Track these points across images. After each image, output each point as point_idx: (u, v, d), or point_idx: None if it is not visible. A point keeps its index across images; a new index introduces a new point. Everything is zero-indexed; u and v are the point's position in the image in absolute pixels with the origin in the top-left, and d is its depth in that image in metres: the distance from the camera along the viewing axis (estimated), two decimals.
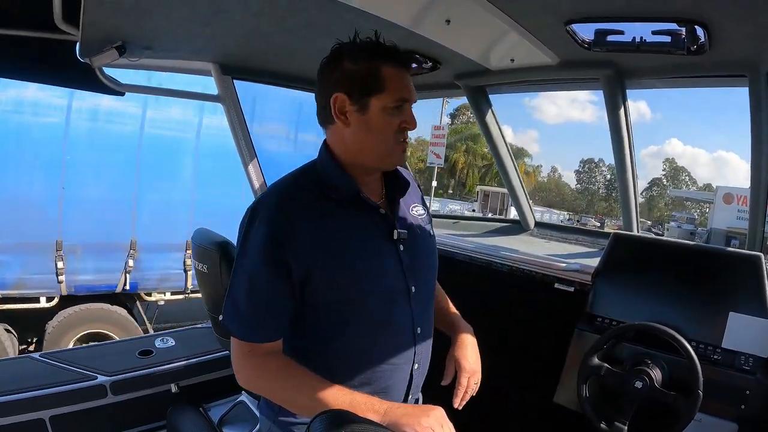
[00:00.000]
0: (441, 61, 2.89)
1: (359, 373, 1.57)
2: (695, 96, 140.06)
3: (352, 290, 1.53)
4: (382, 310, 1.58)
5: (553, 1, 1.95)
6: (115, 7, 2.15)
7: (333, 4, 2.06)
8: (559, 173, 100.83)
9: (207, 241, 2.62)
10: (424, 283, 1.69)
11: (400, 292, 1.61)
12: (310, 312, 1.53)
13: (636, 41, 2.28)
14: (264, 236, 1.45)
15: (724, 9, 1.83)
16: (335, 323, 1.54)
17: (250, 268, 1.48)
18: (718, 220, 33.31)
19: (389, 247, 1.61)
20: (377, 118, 1.51)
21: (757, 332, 2.25)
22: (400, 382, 1.65)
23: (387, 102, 1.50)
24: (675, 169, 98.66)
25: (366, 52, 1.52)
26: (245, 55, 3.00)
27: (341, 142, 1.57)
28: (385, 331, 1.60)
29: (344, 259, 1.51)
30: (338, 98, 1.50)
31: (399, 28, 2.30)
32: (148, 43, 2.68)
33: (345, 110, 1.51)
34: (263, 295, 1.48)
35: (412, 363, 1.65)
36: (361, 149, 1.56)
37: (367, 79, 1.49)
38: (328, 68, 1.56)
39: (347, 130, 1.53)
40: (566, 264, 3.01)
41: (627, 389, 2.30)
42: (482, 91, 3.41)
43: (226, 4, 2.16)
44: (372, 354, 1.59)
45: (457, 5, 2.05)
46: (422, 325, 1.67)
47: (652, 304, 2.56)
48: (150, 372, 3.07)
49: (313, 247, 1.47)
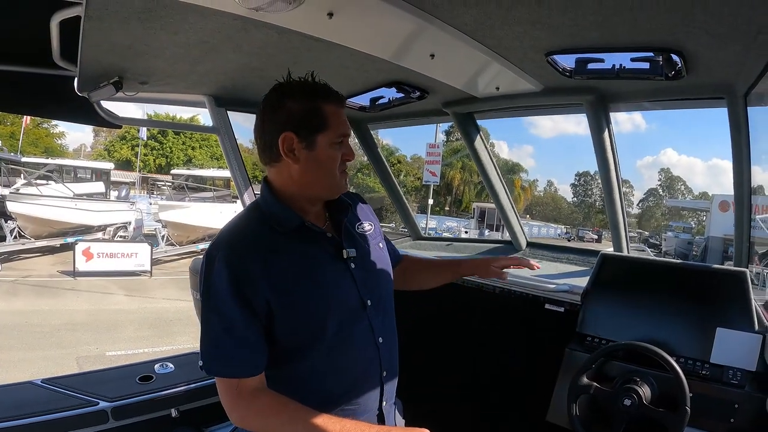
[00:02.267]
0: (428, 91, 2.96)
1: (331, 390, 1.63)
2: None
3: (312, 314, 1.59)
4: (343, 328, 1.63)
5: (533, 34, 2.02)
6: (111, 48, 2.23)
7: (320, 43, 2.14)
8: (555, 187, 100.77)
9: None
10: (379, 295, 1.76)
11: (357, 308, 1.68)
12: (275, 340, 1.57)
13: (616, 68, 2.35)
14: (227, 276, 1.50)
15: (697, 38, 1.91)
16: (300, 348, 1.60)
17: (222, 308, 1.51)
18: (716, 228, 33.26)
19: (341, 266, 1.69)
20: (324, 153, 1.61)
21: (745, 346, 2.28)
22: (372, 391, 1.71)
23: (332, 138, 1.62)
24: (670, 179, 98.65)
25: (307, 92, 1.62)
26: (238, 88, 3.07)
27: (288, 177, 1.64)
28: (349, 346, 1.66)
29: (300, 287, 1.57)
30: (286, 137, 1.58)
31: (387, 63, 2.39)
32: (144, 78, 2.75)
33: (293, 148, 1.59)
34: (239, 330, 1.51)
35: (380, 371, 1.72)
36: (310, 182, 1.65)
37: (311, 118, 1.59)
38: (271, 108, 1.63)
39: (295, 166, 1.61)
40: (556, 285, 3.05)
41: (616, 407, 2.32)
42: (470, 117, 3.47)
43: (217, 44, 2.25)
44: (338, 370, 1.64)
45: (440, 41, 2.11)
46: (383, 334, 1.74)
47: (640, 322, 2.59)
48: (151, 397, 3.04)
49: (270, 280, 1.53)
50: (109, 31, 2.01)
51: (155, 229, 23.02)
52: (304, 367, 1.61)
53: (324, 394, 1.62)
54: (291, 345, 1.59)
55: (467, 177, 62.77)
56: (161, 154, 61.46)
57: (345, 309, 1.65)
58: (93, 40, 2.10)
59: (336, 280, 1.66)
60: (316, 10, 1.80)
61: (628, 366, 2.45)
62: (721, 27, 1.79)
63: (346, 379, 1.66)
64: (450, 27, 1.96)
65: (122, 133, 60.26)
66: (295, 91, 1.62)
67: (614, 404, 2.33)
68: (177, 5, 1.79)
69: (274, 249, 1.58)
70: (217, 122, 3.32)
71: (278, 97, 1.62)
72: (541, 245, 4.13)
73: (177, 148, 62.16)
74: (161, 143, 61.45)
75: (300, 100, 1.60)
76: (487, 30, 1.99)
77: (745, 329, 2.31)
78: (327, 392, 1.63)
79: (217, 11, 1.83)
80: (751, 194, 2.54)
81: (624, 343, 2.47)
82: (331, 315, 1.61)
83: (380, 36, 2.11)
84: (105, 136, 64.68)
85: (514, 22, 1.91)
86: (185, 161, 59.66)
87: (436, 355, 3.13)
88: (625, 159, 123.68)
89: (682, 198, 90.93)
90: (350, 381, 1.67)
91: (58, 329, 10.67)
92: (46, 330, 10.52)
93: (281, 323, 1.55)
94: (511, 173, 68.90)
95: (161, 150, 61.58)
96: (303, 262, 1.61)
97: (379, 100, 3.26)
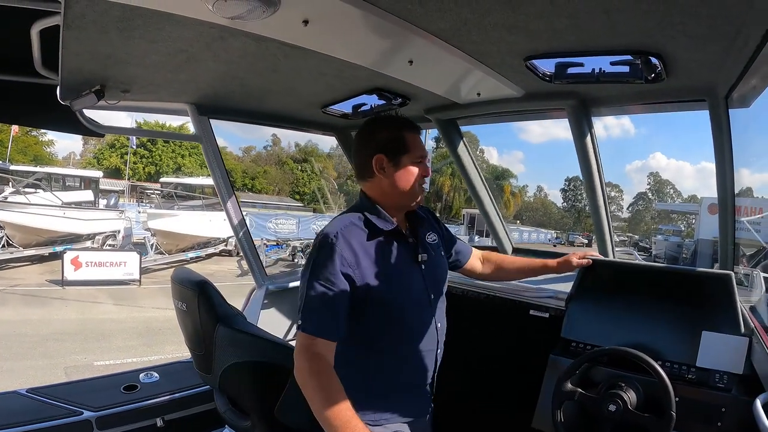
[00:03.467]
0: (410, 98, 2.95)
1: (402, 361, 2.10)
2: None
3: (395, 301, 2.03)
4: (415, 314, 2.11)
5: (510, 39, 2.01)
6: (91, 56, 2.23)
7: (297, 50, 2.14)
8: (545, 192, 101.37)
9: (186, 280, 2.64)
10: (439, 292, 2.23)
11: (425, 301, 2.14)
12: (365, 318, 1.99)
13: (596, 73, 2.35)
14: (335, 259, 1.90)
15: (676, 40, 1.90)
16: (384, 324, 2.03)
17: (325, 281, 1.89)
18: (705, 230, 33.46)
19: (416, 268, 2.14)
20: (407, 170, 2.08)
21: (731, 349, 2.27)
22: (431, 362, 2.17)
23: (413, 158, 2.08)
24: (660, 183, 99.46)
25: (392, 123, 2.11)
26: (220, 96, 3.06)
27: (380, 190, 2.10)
28: (418, 327, 2.13)
29: (391, 279, 2.01)
30: (378, 158, 2.05)
31: (366, 69, 2.39)
32: (126, 87, 2.74)
33: (383, 166, 2.06)
34: (335, 301, 1.89)
35: (436, 347, 2.19)
36: (397, 193, 2.09)
37: (397, 143, 2.06)
38: (364, 138, 2.13)
39: (386, 180, 2.07)
40: (540, 291, 3.04)
41: (601, 413, 2.29)
42: (453, 123, 3.47)
43: (195, 53, 2.24)
44: (411, 345, 2.11)
45: (417, 47, 2.11)
46: (440, 321, 2.22)
47: (626, 327, 2.57)
48: (135, 407, 3.05)
49: (369, 270, 1.96)
50: (88, 39, 2.02)
51: (144, 237, 23.00)
52: (385, 341, 2.05)
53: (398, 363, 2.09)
54: (378, 321, 2.01)
55: (457, 183, 62.95)
56: (151, 162, 61.44)
57: (417, 300, 2.11)
58: (73, 49, 2.11)
59: (412, 276, 2.12)
60: (291, 18, 1.80)
61: (613, 371, 2.42)
62: (700, 28, 1.78)
63: (415, 351, 2.11)
64: (426, 33, 1.96)
65: (111, 141, 60.21)
66: (383, 122, 2.13)
67: (599, 410, 2.30)
68: (154, 14, 1.81)
69: (372, 246, 2.02)
70: (200, 130, 3.31)
71: (369, 128, 2.13)
72: (527, 251, 4.12)
73: (166, 156, 62.20)
74: (151, 151, 61.46)
75: (389, 130, 2.08)
76: (464, 35, 1.99)
77: (732, 332, 2.30)
78: (400, 362, 2.09)
79: (193, 20, 1.83)
80: (734, 196, 2.53)
81: (608, 349, 2.44)
82: (408, 303, 2.07)
83: (356, 43, 2.11)
84: (94, 144, 64.49)
85: (491, 28, 1.90)
86: (175, 169, 59.64)
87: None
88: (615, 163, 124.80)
89: (672, 201, 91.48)
90: (417, 352, 2.11)
91: (46, 339, 10.60)
92: (34, 339, 10.45)
93: (374, 304, 1.98)
94: (500, 179, 69.21)
95: (150, 158, 61.59)
96: (392, 260, 2.06)
97: (362, 107, 3.24)
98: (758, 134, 2.46)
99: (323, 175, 69.09)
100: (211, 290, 2.50)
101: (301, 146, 78.61)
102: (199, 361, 2.64)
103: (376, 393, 2.05)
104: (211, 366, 2.52)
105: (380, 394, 2.06)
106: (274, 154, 78.71)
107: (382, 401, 2.05)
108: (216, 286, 2.58)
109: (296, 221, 32.54)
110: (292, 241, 26.95)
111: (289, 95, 3.02)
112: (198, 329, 2.55)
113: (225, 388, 2.61)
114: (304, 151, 77.38)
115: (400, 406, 2.09)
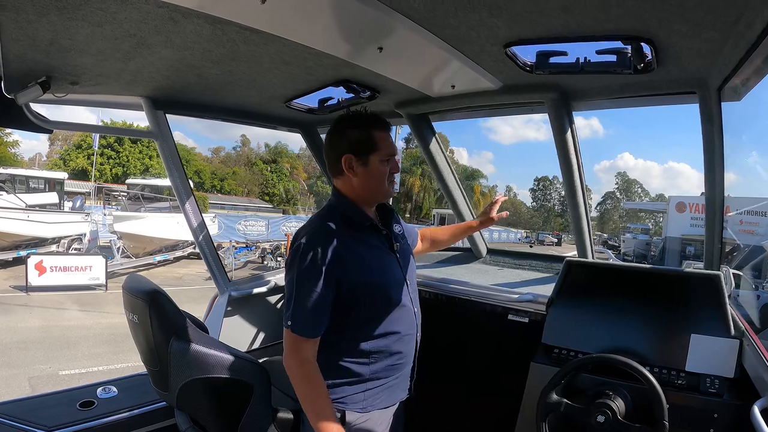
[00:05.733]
0: (379, 90, 2.82)
1: (388, 345, 2.19)
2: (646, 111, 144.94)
3: (380, 289, 2.17)
4: (396, 300, 2.22)
5: (490, 22, 1.87)
6: (32, 43, 2.06)
7: (257, 35, 2.00)
8: (514, 192, 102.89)
9: (136, 290, 2.44)
10: (412, 278, 2.38)
11: (403, 284, 2.27)
12: (354, 308, 2.11)
13: (580, 62, 2.24)
14: (319, 257, 2.01)
15: (671, 24, 1.78)
16: (371, 312, 2.16)
17: (311, 281, 2.01)
18: (673, 228, 34.36)
19: (392, 256, 2.29)
20: (376, 169, 2.17)
21: (721, 352, 2.21)
22: (412, 344, 2.32)
23: (381, 157, 2.17)
24: (627, 182, 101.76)
25: (360, 122, 2.17)
26: (176, 89, 2.88)
27: (351, 187, 2.20)
28: (401, 311, 2.23)
29: (372, 269, 2.16)
30: (347, 158, 2.14)
31: (332, 58, 2.25)
32: (74, 78, 2.57)
33: (352, 165, 2.14)
34: (321, 299, 2.02)
35: (416, 331, 2.33)
36: (366, 191, 2.20)
37: (365, 142, 2.14)
38: (334, 136, 2.20)
39: (355, 179, 2.17)
40: (519, 294, 2.93)
41: (589, 424, 2.19)
42: (425, 118, 3.36)
43: (145, 37, 2.08)
44: (395, 329, 2.20)
45: (387, 32, 1.99)
46: (416, 306, 2.34)
47: (610, 331, 2.49)
48: (92, 425, 2.84)
49: (351, 263, 2.07)
50: (27, 23, 1.87)
51: (110, 240, 22.73)
52: (372, 328, 2.16)
53: (382, 348, 2.19)
54: (363, 309, 2.13)
55: (427, 184, 63.69)
56: (117, 163, 61.01)
57: (396, 287, 2.24)
58: (12, 34, 1.95)
59: (391, 265, 2.26)
60: None
61: (599, 378, 2.34)
62: (699, 11, 1.66)
63: (398, 334, 2.22)
64: (397, 14, 1.82)
65: (78, 142, 59.78)
66: (353, 120, 2.18)
67: (587, 421, 2.20)
68: None
69: (351, 241, 2.11)
70: (155, 126, 3.12)
71: (340, 127, 2.19)
72: (502, 252, 4.03)
73: (134, 157, 61.81)
74: (118, 152, 60.97)
75: (357, 129, 2.15)
76: (439, 18, 1.85)
77: (721, 334, 2.25)
78: (387, 344, 2.19)
79: None
80: (723, 195, 2.46)
81: (595, 356, 2.35)
82: (390, 290, 2.20)
83: (319, 25, 1.97)
84: (60, 144, 63.93)
85: (469, 9, 1.75)
86: (142, 170, 59.20)
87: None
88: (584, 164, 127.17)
89: (640, 200, 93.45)
90: (400, 338, 2.23)
91: (9, 348, 10.41)
92: None
93: (358, 294, 2.09)
94: (471, 179, 69.99)
95: (118, 159, 61.11)
96: (369, 251, 2.19)
97: (328, 101, 3.12)
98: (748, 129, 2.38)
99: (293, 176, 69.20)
100: (164, 300, 2.31)
101: (271, 147, 79.41)
102: (155, 378, 2.46)
103: (367, 378, 2.18)
104: (167, 383, 2.35)
105: (369, 379, 2.18)
106: (243, 155, 79.32)
107: (371, 387, 2.19)
108: (170, 296, 2.39)
109: (266, 223, 32.74)
110: (262, 243, 26.87)
111: (250, 87, 2.87)
112: (151, 343, 2.37)
113: (184, 406, 2.44)
114: (274, 151, 77.86)
115: (386, 391, 2.24)
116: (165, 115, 3.14)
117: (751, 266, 16.02)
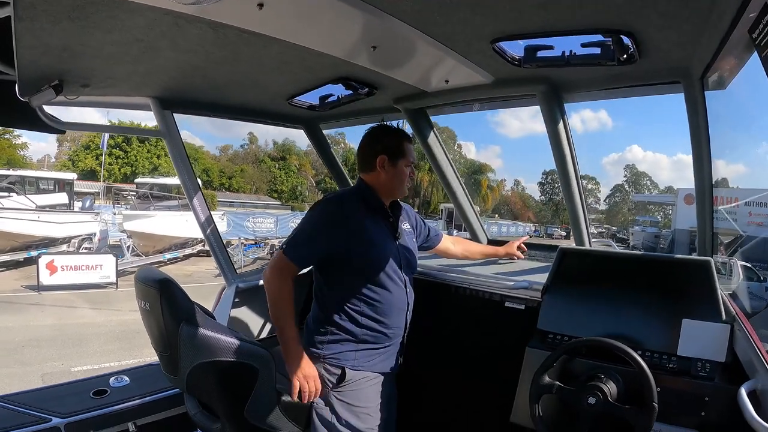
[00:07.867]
0: (377, 86, 2.92)
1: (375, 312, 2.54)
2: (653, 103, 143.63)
3: (376, 257, 2.54)
4: (390, 271, 2.57)
5: (475, 21, 1.95)
6: (46, 49, 2.16)
7: (257, 37, 2.09)
8: (522, 186, 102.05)
9: (148, 279, 2.56)
10: (409, 265, 2.73)
11: (398, 265, 2.63)
12: (352, 268, 2.51)
13: (566, 55, 2.30)
14: (330, 214, 2.50)
15: (647, 17, 1.85)
16: (368, 274, 2.53)
17: (315, 227, 2.50)
18: (681, 220, 33.99)
19: (392, 240, 2.67)
20: (401, 171, 2.63)
21: (712, 337, 2.23)
22: (402, 318, 2.66)
23: (406, 162, 2.63)
24: (636, 175, 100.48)
25: (395, 132, 2.65)
26: (182, 89, 2.99)
27: (377, 181, 2.63)
28: (391, 284, 2.58)
29: (372, 240, 2.54)
30: (382, 158, 2.59)
31: (329, 57, 2.34)
32: (85, 81, 2.67)
33: (384, 165, 2.59)
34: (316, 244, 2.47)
35: (407, 309, 2.68)
36: (390, 187, 2.65)
37: (397, 148, 2.60)
38: (372, 139, 2.65)
39: (384, 175, 2.61)
40: (515, 282, 3.00)
41: (581, 406, 2.23)
42: (422, 113, 3.43)
43: (152, 41, 2.18)
44: (387, 297, 2.56)
45: (379, 31, 2.06)
46: (410, 290, 2.71)
47: (603, 316, 2.53)
48: (105, 412, 2.96)
49: (356, 231, 2.49)
50: (41, 31, 1.97)
51: (120, 239, 22.70)
52: (368, 289, 2.53)
53: (378, 309, 2.55)
54: (362, 273, 2.52)
55: (435, 179, 63.32)
56: (126, 163, 60.97)
57: (390, 262, 2.58)
58: (27, 42, 2.06)
59: (390, 244, 2.63)
60: (244, 1, 1.76)
61: (591, 362, 2.36)
62: (672, 5, 1.73)
63: (390, 304, 2.58)
64: (388, 15, 1.90)
65: (86, 143, 59.82)
66: (388, 131, 2.66)
67: (578, 403, 2.24)
68: (105, 1, 1.77)
69: (362, 216, 2.54)
70: (163, 125, 3.22)
71: (378, 132, 2.66)
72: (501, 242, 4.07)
73: (142, 157, 61.76)
74: (126, 152, 60.98)
75: (393, 137, 2.62)
76: (427, 17, 1.94)
77: (713, 319, 2.26)
78: (375, 311, 2.55)
79: (146, 6, 1.80)
80: (712, 181, 2.51)
81: (586, 339, 2.37)
82: (384, 261, 2.56)
83: (315, 27, 2.06)
84: (69, 146, 63.98)
85: (454, 8, 1.84)
86: (151, 170, 59.03)
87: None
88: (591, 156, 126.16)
89: (648, 193, 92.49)
90: (389, 309, 2.57)
91: (22, 345, 10.47)
92: (10, 347, 10.29)
93: (360, 260, 2.50)
94: (478, 173, 69.44)
95: (126, 159, 61.08)
96: (376, 228, 2.59)
97: (329, 98, 3.22)
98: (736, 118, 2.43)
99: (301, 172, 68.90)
100: (174, 288, 2.41)
101: (278, 144, 78.89)
102: (166, 363, 2.56)
103: (358, 339, 2.54)
104: (177, 367, 2.44)
105: (360, 341, 2.54)
106: (251, 153, 78.72)
107: (362, 348, 2.54)
108: (180, 285, 2.49)
109: (274, 219, 32.62)
110: (270, 240, 26.80)
111: (253, 87, 2.98)
112: (162, 329, 2.46)
113: (192, 389, 2.53)
114: (282, 148, 77.46)
115: (377, 357, 2.59)
116: (172, 114, 3.24)
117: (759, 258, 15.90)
